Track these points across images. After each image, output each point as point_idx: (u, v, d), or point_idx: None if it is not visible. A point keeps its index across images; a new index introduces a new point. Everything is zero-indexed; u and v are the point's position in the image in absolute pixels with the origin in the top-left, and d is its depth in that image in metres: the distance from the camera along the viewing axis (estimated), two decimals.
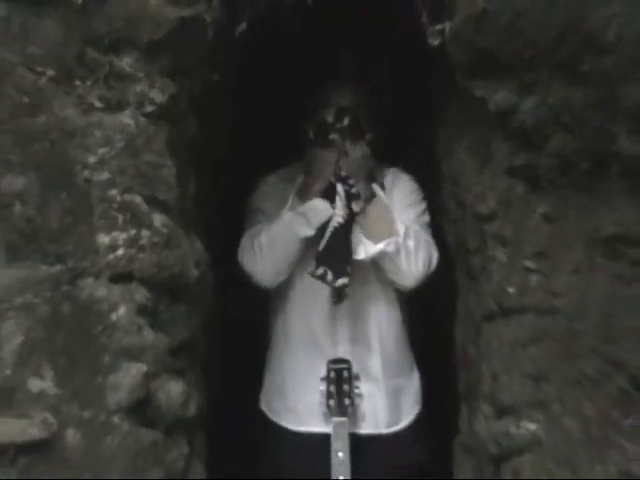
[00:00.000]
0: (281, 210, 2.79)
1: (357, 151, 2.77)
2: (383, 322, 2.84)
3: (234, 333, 3.14)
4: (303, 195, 2.78)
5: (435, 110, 2.65)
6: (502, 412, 2.27)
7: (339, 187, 2.67)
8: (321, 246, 2.63)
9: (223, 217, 2.99)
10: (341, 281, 2.59)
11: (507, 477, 2.24)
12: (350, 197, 2.67)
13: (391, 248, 2.69)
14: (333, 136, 2.75)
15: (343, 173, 2.69)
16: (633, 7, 1.98)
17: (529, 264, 2.23)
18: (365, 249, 2.69)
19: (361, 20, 2.82)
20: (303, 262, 2.75)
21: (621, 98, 2.04)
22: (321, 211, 2.67)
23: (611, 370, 2.10)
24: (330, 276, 2.58)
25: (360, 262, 2.68)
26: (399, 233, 2.72)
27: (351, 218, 2.68)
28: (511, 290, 2.25)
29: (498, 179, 2.29)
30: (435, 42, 2.22)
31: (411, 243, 2.72)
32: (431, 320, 2.94)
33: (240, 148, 3.07)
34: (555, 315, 2.20)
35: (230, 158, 2.91)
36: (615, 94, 2.04)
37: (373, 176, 2.84)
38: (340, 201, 2.65)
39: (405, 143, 3.04)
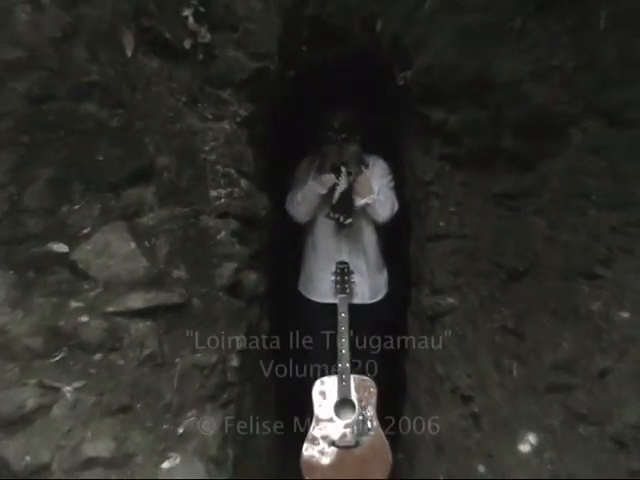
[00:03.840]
0: (309, 179, 2.82)
1: (352, 147, 2.77)
2: (367, 241, 2.85)
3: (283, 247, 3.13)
4: (320, 171, 2.79)
5: (401, 124, 2.64)
6: (435, 292, 2.32)
7: (342, 168, 2.68)
8: (334, 200, 2.65)
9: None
10: (348, 221, 2.64)
11: (438, 330, 2.29)
12: (348, 174, 2.69)
13: (370, 201, 2.72)
14: (340, 138, 2.75)
15: (344, 159, 2.71)
16: (516, 64, 1.99)
17: (452, 209, 2.26)
18: (356, 202, 2.72)
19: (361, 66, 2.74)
20: (322, 209, 2.77)
21: (506, 116, 2.06)
22: (329, 180, 2.69)
23: (496, 269, 2.15)
24: (341, 218, 2.64)
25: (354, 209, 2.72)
26: (374, 192, 2.74)
27: (350, 185, 2.70)
28: (442, 224, 2.28)
29: (434, 161, 2.30)
30: (401, 82, 2.21)
31: (382, 198, 2.74)
32: (397, 243, 2.93)
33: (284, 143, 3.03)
34: (465, 239, 2.23)
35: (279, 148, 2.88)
36: (503, 114, 2.06)
37: (361, 160, 2.82)
38: (343, 176, 2.67)
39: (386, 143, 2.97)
